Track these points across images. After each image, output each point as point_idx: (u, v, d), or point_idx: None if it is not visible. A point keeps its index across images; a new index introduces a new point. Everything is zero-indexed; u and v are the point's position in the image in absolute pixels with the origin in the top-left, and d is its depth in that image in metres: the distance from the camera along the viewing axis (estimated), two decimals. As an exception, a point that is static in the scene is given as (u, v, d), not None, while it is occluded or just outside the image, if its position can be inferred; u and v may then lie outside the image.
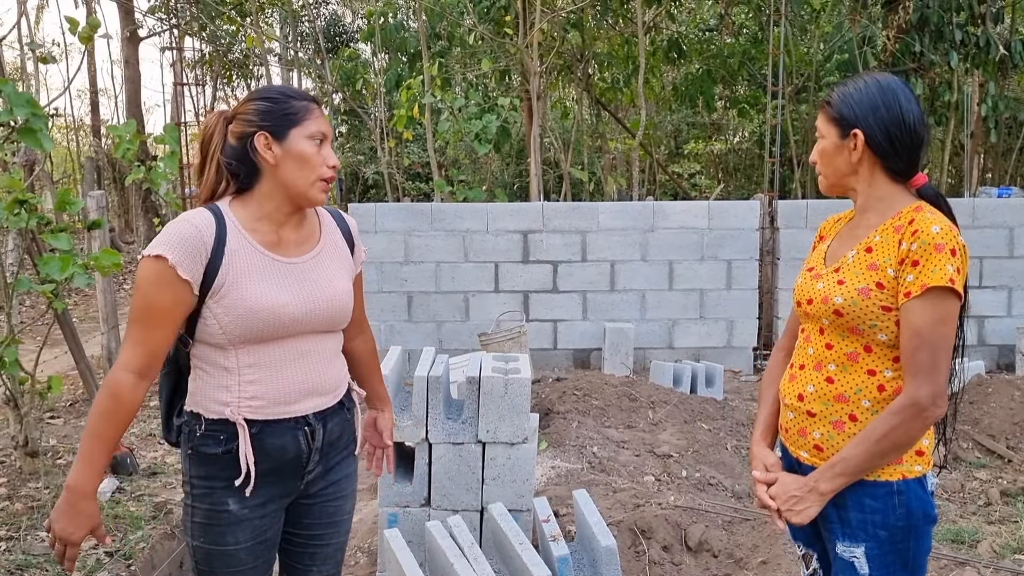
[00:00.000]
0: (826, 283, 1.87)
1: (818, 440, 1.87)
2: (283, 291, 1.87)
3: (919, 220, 1.78)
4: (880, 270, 1.79)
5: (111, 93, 21.60)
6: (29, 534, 3.76)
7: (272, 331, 1.86)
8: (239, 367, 1.86)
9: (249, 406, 1.86)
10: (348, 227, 2.10)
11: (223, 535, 1.89)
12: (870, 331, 1.79)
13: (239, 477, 1.85)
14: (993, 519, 4.22)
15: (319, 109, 1.91)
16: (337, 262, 2.01)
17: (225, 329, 1.83)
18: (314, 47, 13.19)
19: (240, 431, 1.85)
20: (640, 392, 5.63)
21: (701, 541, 3.36)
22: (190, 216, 1.84)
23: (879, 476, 1.80)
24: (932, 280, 1.70)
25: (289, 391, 1.90)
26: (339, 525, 2.11)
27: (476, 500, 3.07)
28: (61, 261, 3.69)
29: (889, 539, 1.80)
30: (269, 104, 1.87)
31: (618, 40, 11.10)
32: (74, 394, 6.23)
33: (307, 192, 1.88)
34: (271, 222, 1.90)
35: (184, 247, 1.78)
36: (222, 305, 1.82)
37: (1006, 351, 7.15)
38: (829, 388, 1.85)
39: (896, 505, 1.79)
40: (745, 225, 7.12)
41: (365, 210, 7.11)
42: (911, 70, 8.90)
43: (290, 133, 1.86)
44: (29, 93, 3.53)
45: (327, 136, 1.91)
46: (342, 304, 1.98)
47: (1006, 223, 7.11)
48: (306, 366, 1.93)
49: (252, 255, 1.87)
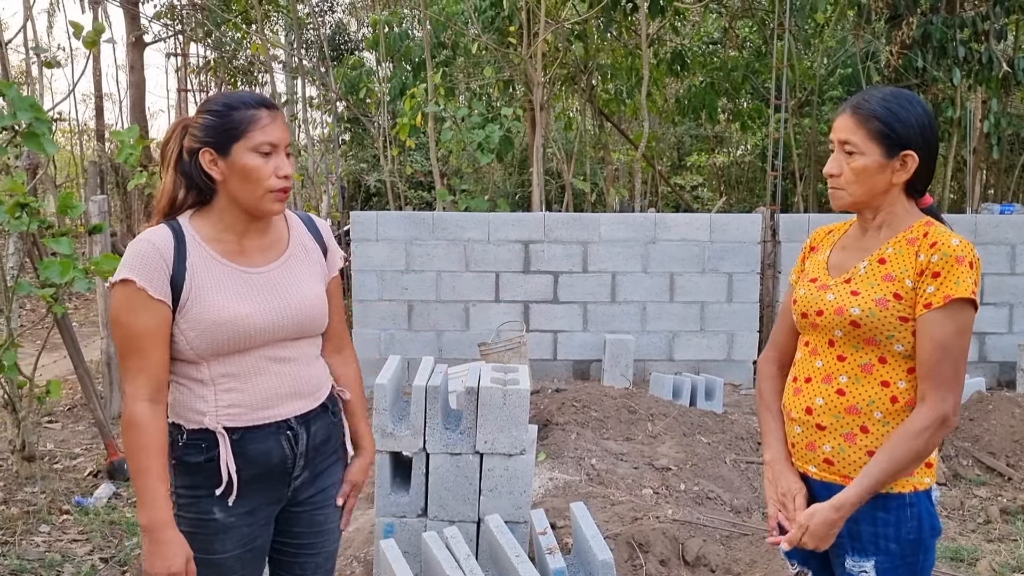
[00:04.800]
0: (837, 294, 1.86)
1: (828, 454, 1.86)
2: (246, 302, 1.84)
3: (935, 233, 1.80)
4: (897, 281, 1.79)
5: (116, 98, 21.67)
6: (24, 539, 3.75)
7: (239, 343, 1.84)
8: (212, 378, 1.85)
9: (228, 414, 1.85)
10: (319, 231, 2.05)
11: (210, 544, 1.88)
12: (887, 342, 1.80)
13: (221, 485, 1.84)
14: (992, 537, 4.20)
15: (269, 115, 1.82)
16: (307, 267, 1.98)
17: (192, 344, 1.81)
18: (319, 55, 13.23)
19: (220, 439, 1.83)
20: (639, 404, 5.61)
21: (699, 556, 3.35)
22: (146, 235, 1.82)
23: (892, 488, 1.80)
24: (956, 292, 1.73)
25: (267, 396, 1.88)
26: (329, 534, 2.09)
27: (473, 511, 3.05)
28: (62, 265, 3.70)
29: (900, 552, 1.80)
30: (212, 118, 1.82)
31: (622, 52, 11.12)
32: (73, 399, 6.23)
33: (258, 205, 1.83)
34: (232, 232, 1.87)
35: (146, 267, 1.77)
36: (187, 320, 1.80)
37: (1007, 368, 7.13)
38: (840, 400, 1.84)
39: (908, 517, 1.80)
40: (747, 238, 7.11)
41: (367, 218, 7.12)
42: (914, 86, 8.91)
43: (233, 148, 1.80)
44: (33, 97, 3.54)
45: (277, 144, 1.82)
46: (312, 311, 1.94)
47: (1008, 240, 7.10)
48: (282, 371, 1.91)
49: (213, 267, 1.84)
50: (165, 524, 1.77)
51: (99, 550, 3.73)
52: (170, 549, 1.77)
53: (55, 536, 3.84)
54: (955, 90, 8.98)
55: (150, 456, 1.77)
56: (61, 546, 3.74)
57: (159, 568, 1.77)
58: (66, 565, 3.54)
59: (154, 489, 1.76)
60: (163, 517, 1.77)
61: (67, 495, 4.28)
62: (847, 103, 1.87)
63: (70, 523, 3.99)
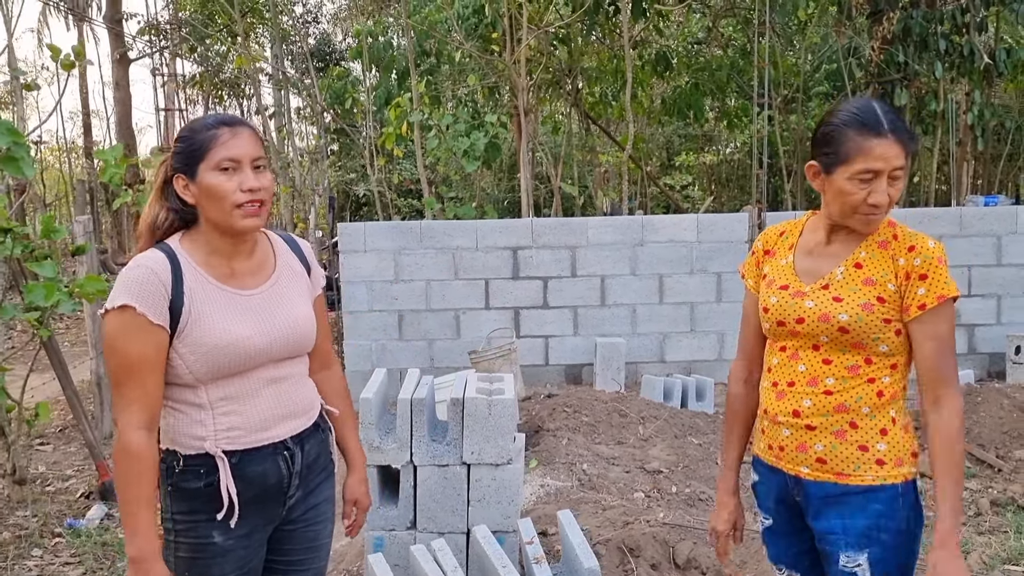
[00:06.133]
0: (817, 301, 1.88)
1: (821, 453, 1.89)
2: (244, 324, 1.86)
3: (905, 236, 1.85)
4: (879, 285, 1.83)
5: (103, 115, 21.66)
6: (16, 563, 3.75)
7: (238, 365, 1.85)
8: (210, 401, 1.85)
9: (227, 437, 1.86)
10: (302, 251, 2.08)
11: (208, 568, 1.89)
12: (872, 344, 1.84)
13: (222, 510, 1.84)
14: (983, 529, 4.22)
15: (230, 131, 1.83)
16: (295, 287, 2.00)
17: (191, 368, 1.82)
18: (304, 66, 13.24)
19: (220, 464, 1.84)
20: (630, 407, 5.62)
21: (689, 558, 3.35)
22: (142, 259, 1.81)
23: (885, 480, 1.85)
24: (946, 291, 1.81)
25: (265, 417, 1.90)
26: (319, 550, 2.10)
27: (462, 522, 3.06)
28: (46, 288, 3.70)
29: (892, 543, 1.84)
30: (181, 144, 1.86)
31: (606, 55, 11.15)
32: (64, 419, 6.22)
33: (228, 223, 1.83)
34: (221, 255, 1.89)
35: (145, 292, 1.76)
36: (186, 344, 1.81)
37: (996, 359, 7.16)
38: (828, 400, 1.88)
39: (900, 507, 1.84)
40: (734, 238, 7.14)
41: (354, 229, 7.12)
42: (896, 80, 8.95)
43: (198, 169, 1.82)
44: (9, 121, 3.54)
45: (239, 159, 1.82)
46: (304, 329, 1.97)
47: (993, 231, 7.14)
48: (278, 391, 1.93)
49: (209, 290, 1.85)
50: (154, 556, 1.78)
51: (91, 572, 3.73)
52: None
53: (47, 559, 3.83)
54: (938, 83, 9.03)
55: (142, 486, 1.77)
56: (53, 569, 3.73)
57: None
58: (58, 588, 3.54)
59: (145, 520, 1.77)
60: (152, 548, 1.78)
61: (59, 518, 4.28)
62: (873, 126, 1.77)
63: (62, 546, 3.99)
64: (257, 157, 1.85)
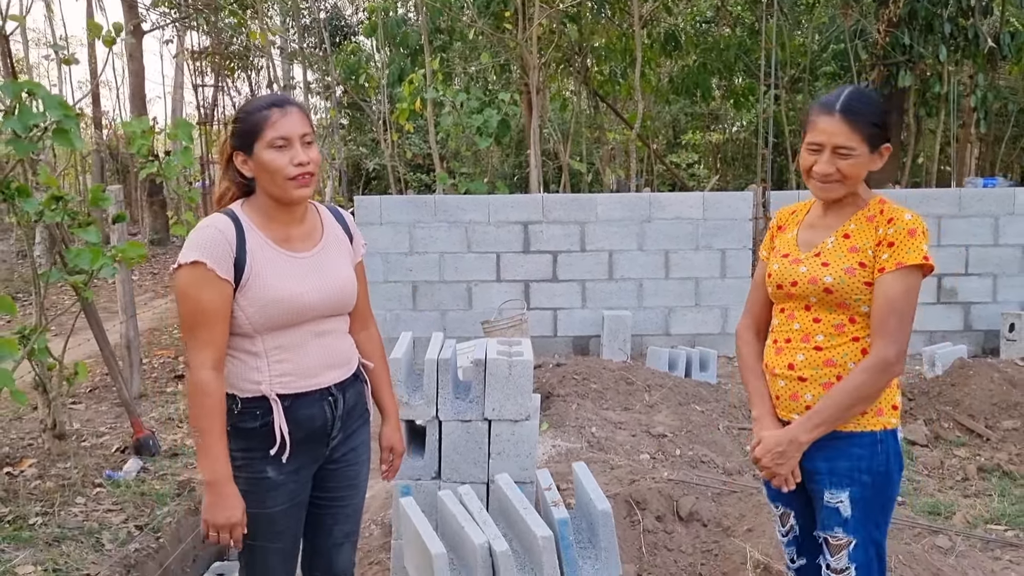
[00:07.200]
0: (809, 266, 2.14)
1: (809, 402, 2.14)
2: (299, 282, 2.09)
3: (889, 210, 2.11)
4: (861, 252, 2.08)
5: (112, 85, 21.78)
6: (63, 509, 4.01)
7: (292, 318, 2.09)
8: (266, 350, 2.09)
9: (280, 382, 2.10)
10: (345, 221, 2.33)
11: (263, 500, 2.13)
12: (855, 304, 2.09)
13: (275, 447, 2.09)
14: (969, 493, 4.47)
15: (280, 111, 2.04)
16: (340, 253, 2.24)
17: (251, 319, 2.06)
18: (317, 41, 13.37)
19: (274, 406, 2.08)
20: (637, 376, 5.86)
21: (692, 511, 3.61)
22: (211, 221, 2.06)
23: (865, 427, 2.10)
24: (907, 259, 2.03)
25: (313, 366, 2.14)
26: (357, 487, 2.38)
27: (483, 473, 3.31)
28: (91, 253, 3.92)
29: (871, 483, 2.09)
30: (237, 125, 2.10)
31: (615, 33, 11.29)
32: (93, 380, 6.47)
33: (283, 194, 2.07)
34: (277, 222, 2.12)
35: (214, 250, 2.00)
36: (247, 298, 2.04)
37: (991, 336, 7.40)
38: (818, 355, 2.13)
39: (879, 452, 2.09)
40: (738, 215, 7.35)
41: (370, 203, 7.34)
42: (901, 63, 9.11)
43: (255, 147, 2.05)
44: (60, 96, 3.75)
45: (289, 136, 2.03)
46: (349, 290, 2.23)
47: (991, 212, 7.34)
48: (324, 343, 2.17)
49: (268, 251, 2.09)
50: (226, 479, 2.03)
51: (133, 519, 3.98)
52: (229, 501, 2.03)
53: (91, 507, 4.09)
54: (942, 66, 9.19)
55: (213, 418, 2.01)
56: (98, 516, 3.99)
57: (220, 518, 2.03)
58: (104, 532, 3.79)
59: (217, 447, 2.02)
60: (225, 472, 2.02)
61: (98, 470, 4.53)
62: (828, 104, 2.06)
63: (103, 495, 4.24)
64: (305, 133, 2.08)
